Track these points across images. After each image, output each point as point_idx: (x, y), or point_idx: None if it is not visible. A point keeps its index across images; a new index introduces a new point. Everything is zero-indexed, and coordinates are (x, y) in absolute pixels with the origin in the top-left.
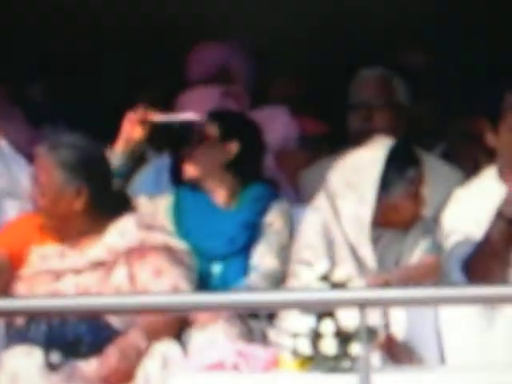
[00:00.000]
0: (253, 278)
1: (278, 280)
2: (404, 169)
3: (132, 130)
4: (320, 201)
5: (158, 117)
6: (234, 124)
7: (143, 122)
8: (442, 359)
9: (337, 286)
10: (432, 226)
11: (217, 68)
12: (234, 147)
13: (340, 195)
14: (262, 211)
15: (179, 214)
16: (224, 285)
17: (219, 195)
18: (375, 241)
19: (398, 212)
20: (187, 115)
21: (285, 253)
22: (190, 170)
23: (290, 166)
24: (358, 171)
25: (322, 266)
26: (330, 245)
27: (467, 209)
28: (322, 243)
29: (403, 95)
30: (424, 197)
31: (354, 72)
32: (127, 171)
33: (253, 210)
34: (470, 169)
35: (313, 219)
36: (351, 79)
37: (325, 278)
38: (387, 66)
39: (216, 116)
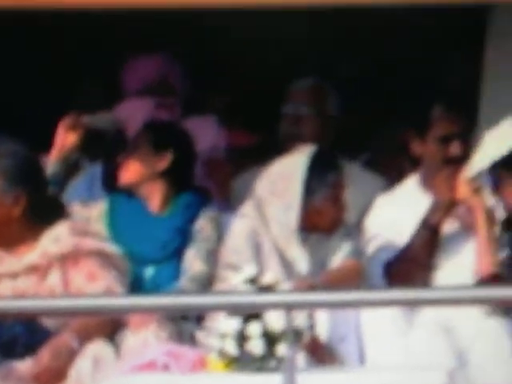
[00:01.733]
0: (183, 281)
1: (207, 283)
2: (325, 174)
3: (65, 137)
4: (248, 208)
5: (90, 119)
6: (167, 134)
7: (76, 128)
8: (363, 360)
9: (264, 288)
10: (354, 231)
11: (153, 79)
12: (168, 156)
13: (267, 202)
14: (193, 218)
15: (113, 220)
16: (156, 288)
17: (153, 202)
18: (302, 245)
19: (321, 216)
20: (120, 112)
21: (214, 258)
22: (125, 177)
23: (220, 174)
24: (283, 179)
25: (249, 270)
26: (257, 250)
27: (389, 215)
28: (248, 248)
29: (333, 105)
30: (345, 201)
31: (288, 82)
32: (62, 179)
33: (184, 217)
34: (394, 177)
35: (240, 225)
36: (284, 89)
37: (252, 281)
38: (318, 76)
39: (150, 126)
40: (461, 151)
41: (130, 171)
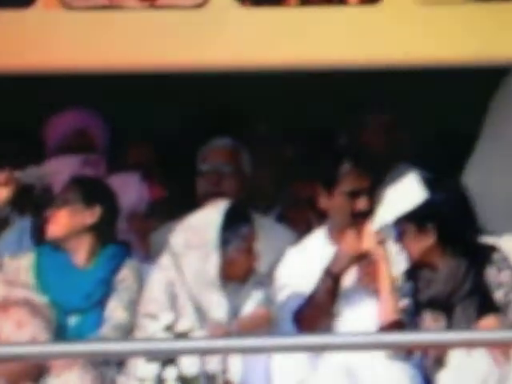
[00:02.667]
0: (104, 329)
1: (128, 330)
2: (238, 227)
3: None
4: (165, 259)
5: (20, 174)
6: (95, 189)
7: (8, 183)
8: None
9: (180, 335)
10: (266, 281)
11: (74, 133)
12: (96, 211)
13: (182, 254)
14: (116, 269)
15: (40, 272)
16: (80, 336)
17: (79, 255)
18: (218, 293)
19: (235, 266)
20: (47, 168)
21: (135, 306)
22: (54, 231)
23: (141, 227)
24: (198, 232)
25: (166, 318)
26: (173, 299)
27: (298, 266)
28: (165, 298)
29: (247, 163)
30: (257, 252)
31: (205, 140)
32: None
33: (107, 268)
34: (303, 230)
35: (157, 276)
36: (200, 147)
37: (169, 328)
38: (234, 135)
39: (78, 181)
40: (368, 206)
41: (59, 225)
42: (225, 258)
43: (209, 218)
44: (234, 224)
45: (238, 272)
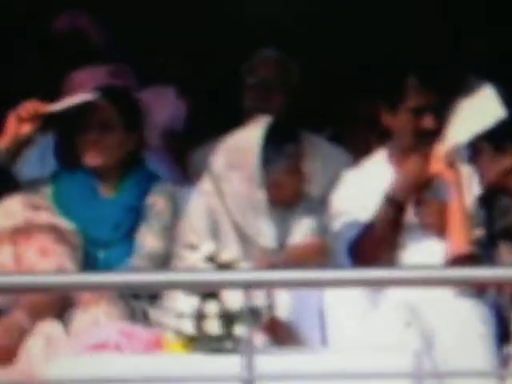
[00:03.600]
0: (135, 259)
1: (162, 260)
2: (282, 145)
3: (19, 127)
4: (205, 184)
5: (52, 107)
6: (134, 111)
7: (35, 116)
8: (325, 341)
9: (223, 267)
10: (318, 207)
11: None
12: (136, 138)
13: (224, 177)
14: (144, 194)
15: (61, 199)
16: (109, 269)
17: (107, 181)
18: (263, 219)
19: (281, 188)
20: (80, 96)
21: (168, 233)
22: (95, 158)
23: (178, 147)
24: (239, 152)
25: (207, 247)
26: (215, 228)
27: (355, 191)
28: (206, 227)
29: (297, 77)
30: (306, 173)
31: (248, 53)
32: (13, 152)
33: (135, 195)
34: (360, 151)
35: (197, 203)
36: (244, 60)
37: (211, 259)
38: (282, 47)
39: (111, 99)
40: (434, 124)
41: (101, 151)
42: (269, 179)
43: (251, 136)
44: (279, 141)
45: (285, 195)
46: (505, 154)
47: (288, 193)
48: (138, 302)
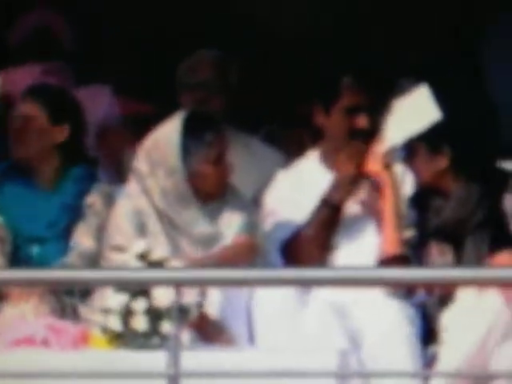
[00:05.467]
0: (69, 257)
1: (97, 260)
2: (200, 133)
3: None
4: (131, 185)
5: None
6: (61, 104)
7: None
8: (253, 340)
9: (153, 265)
10: (250, 206)
11: (36, 31)
12: (65, 130)
13: (148, 175)
14: (83, 193)
15: None
16: (42, 266)
17: (42, 177)
18: (195, 213)
19: (204, 179)
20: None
21: (103, 234)
22: (20, 151)
23: (112, 145)
24: (160, 147)
25: (138, 246)
26: (143, 228)
27: (288, 191)
28: (133, 228)
29: (235, 78)
30: (230, 164)
31: (188, 53)
32: None
33: (73, 193)
34: (295, 151)
35: (123, 204)
36: (183, 60)
37: (142, 257)
38: (221, 48)
39: (38, 93)
40: (368, 124)
41: (25, 144)
42: (192, 169)
43: (170, 130)
44: (197, 130)
45: (208, 186)
46: (440, 154)
47: (211, 183)
48: (70, 299)
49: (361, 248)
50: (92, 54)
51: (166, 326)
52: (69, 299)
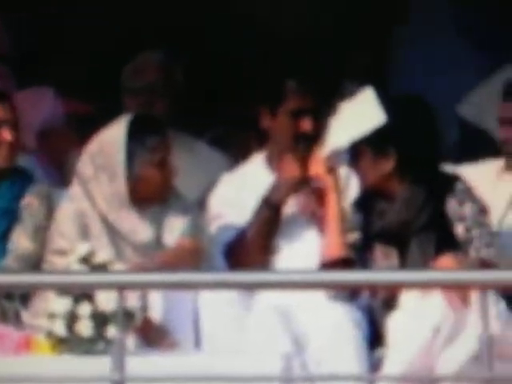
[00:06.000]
0: (8, 259)
1: (35, 262)
2: (145, 138)
3: None
4: (74, 188)
5: None
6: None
7: None
8: (198, 343)
9: (97, 268)
10: (194, 208)
11: None
12: (5, 131)
13: (91, 178)
14: (19, 196)
15: None
16: None
17: None
18: (135, 216)
19: (147, 183)
20: None
21: (42, 235)
22: None
23: (55, 147)
24: (104, 151)
25: (81, 249)
26: (86, 232)
27: (232, 194)
28: (75, 231)
29: (181, 81)
30: (174, 167)
31: (132, 55)
32: None
33: (8, 197)
34: (241, 155)
35: (66, 208)
36: (127, 62)
37: (85, 260)
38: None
39: None
40: (312, 127)
41: None
42: (136, 173)
43: (114, 133)
44: (141, 134)
45: (152, 190)
46: (385, 157)
47: (155, 186)
48: (11, 303)
49: (302, 251)
50: (34, 56)
51: (111, 331)
52: (9, 304)
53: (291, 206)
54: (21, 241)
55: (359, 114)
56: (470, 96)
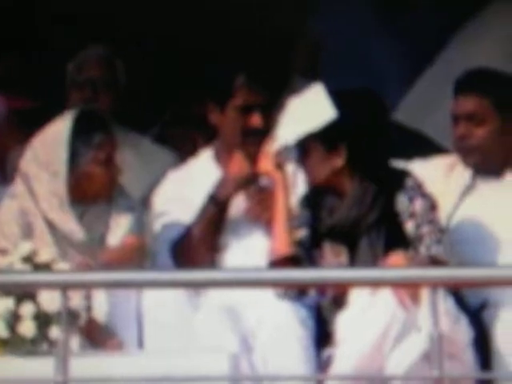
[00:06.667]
0: None
1: None
2: (90, 135)
3: None
4: (17, 186)
5: None
6: None
7: None
8: (143, 344)
9: (40, 267)
10: (140, 206)
11: None
12: None
13: (34, 176)
14: None
15: None
16: None
17: None
18: (80, 217)
19: (92, 180)
20: None
21: None
22: None
23: None
24: (47, 147)
25: (24, 248)
26: (29, 230)
27: (178, 191)
28: (18, 230)
29: (124, 76)
30: (119, 165)
31: (75, 50)
32: None
33: None
34: (188, 151)
35: (8, 206)
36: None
37: (28, 259)
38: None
39: None
40: (261, 123)
41: None
42: (80, 171)
43: (58, 130)
44: (86, 131)
45: (96, 187)
46: (336, 153)
47: (100, 184)
48: None
49: (250, 248)
50: None
51: (55, 331)
52: None
53: (238, 204)
54: None
55: (309, 109)
56: (404, 102)
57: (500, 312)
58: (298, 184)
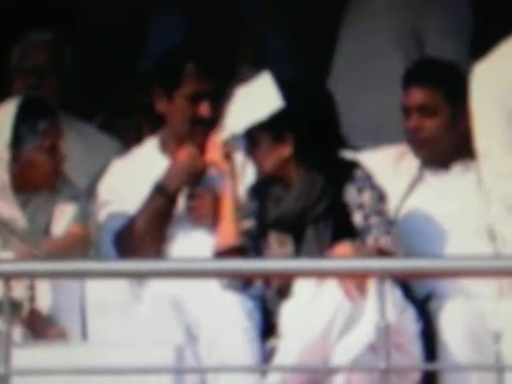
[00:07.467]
0: None
1: None
2: (35, 122)
3: None
4: None
5: None
6: None
7: None
8: (86, 335)
9: None
10: (84, 195)
11: None
12: None
13: None
14: None
15: None
16: None
17: None
18: (23, 206)
19: (36, 168)
20: None
21: None
22: None
23: None
24: None
25: None
26: None
27: (123, 180)
28: None
29: (70, 63)
30: (64, 153)
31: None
32: None
33: None
34: (133, 140)
35: None
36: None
37: None
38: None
39: None
40: (210, 112)
41: None
42: (24, 158)
43: (0, 116)
44: (31, 118)
45: (41, 175)
46: (283, 143)
47: (44, 172)
48: None
49: (196, 240)
50: None
51: None
52: None
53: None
54: None
55: (256, 99)
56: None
57: (446, 303)
58: (246, 174)
